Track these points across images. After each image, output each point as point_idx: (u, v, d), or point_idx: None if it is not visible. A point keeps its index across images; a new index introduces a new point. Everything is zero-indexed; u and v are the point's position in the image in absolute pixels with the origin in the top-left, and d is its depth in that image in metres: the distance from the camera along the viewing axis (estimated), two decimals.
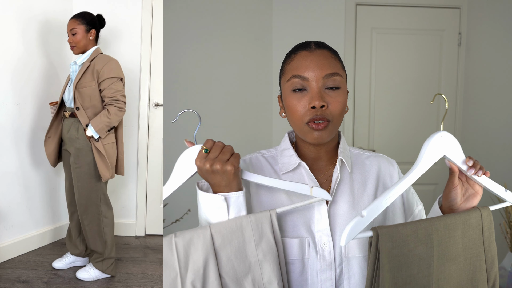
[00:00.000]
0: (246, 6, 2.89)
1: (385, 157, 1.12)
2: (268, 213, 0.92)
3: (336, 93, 0.98)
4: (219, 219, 0.92)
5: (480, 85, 2.96)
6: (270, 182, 0.94)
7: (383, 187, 1.07)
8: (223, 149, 0.91)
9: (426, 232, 0.89)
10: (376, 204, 0.88)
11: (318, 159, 1.07)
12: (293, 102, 0.99)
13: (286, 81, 1.01)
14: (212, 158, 0.90)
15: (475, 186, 0.99)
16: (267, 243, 0.91)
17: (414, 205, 1.10)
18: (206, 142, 0.93)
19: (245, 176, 0.95)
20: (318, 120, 0.97)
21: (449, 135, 0.96)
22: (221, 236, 0.89)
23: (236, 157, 0.91)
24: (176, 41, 2.71)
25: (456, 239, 0.93)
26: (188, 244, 0.88)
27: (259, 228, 0.91)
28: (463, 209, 0.99)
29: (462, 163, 0.96)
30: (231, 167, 0.90)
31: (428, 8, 3.00)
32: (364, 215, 0.86)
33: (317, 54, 0.99)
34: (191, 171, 0.94)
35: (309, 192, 0.94)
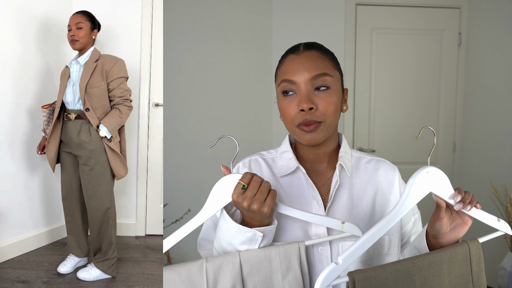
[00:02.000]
0: (246, 6, 2.89)
1: (387, 162, 1.11)
2: (297, 245, 0.93)
3: (326, 93, 0.97)
4: (247, 248, 0.92)
5: (480, 85, 2.96)
6: (304, 217, 0.92)
7: (381, 194, 1.06)
8: (260, 186, 0.88)
9: (407, 273, 0.85)
10: (353, 250, 0.85)
11: (317, 161, 1.07)
12: (284, 106, 0.99)
13: (277, 86, 1.02)
14: (250, 197, 0.87)
15: (464, 216, 0.95)
16: (294, 275, 0.91)
17: (410, 214, 1.09)
18: (244, 176, 0.89)
19: (279, 210, 0.93)
20: (308, 123, 0.96)
21: (435, 170, 0.92)
22: (249, 265, 0.91)
23: (273, 197, 0.89)
24: (176, 41, 2.71)
25: (442, 277, 0.89)
26: (218, 270, 0.90)
27: (287, 260, 0.92)
28: (448, 239, 0.95)
29: (450, 198, 0.92)
30: (268, 209, 0.88)
31: (428, 8, 3.00)
32: (340, 262, 0.83)
33: (304, 57, 0.99)
34: (225, 201, 0.92)
35: (340, 227, 0.92)
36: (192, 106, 2.81)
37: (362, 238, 0.86)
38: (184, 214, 2.55)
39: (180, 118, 2.77)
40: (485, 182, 2.67)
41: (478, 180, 2.88)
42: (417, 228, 1.12)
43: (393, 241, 1.04)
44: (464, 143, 3.09)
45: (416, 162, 2.83)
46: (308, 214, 0.93)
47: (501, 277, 2.41)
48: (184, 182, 2.76)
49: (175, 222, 2.57)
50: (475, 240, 0.95)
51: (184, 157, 2.80)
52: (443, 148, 3.11)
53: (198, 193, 2.78)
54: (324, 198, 1.03)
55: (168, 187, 2.71)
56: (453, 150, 3.13)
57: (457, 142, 3.12)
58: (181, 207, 2.57)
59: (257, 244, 0.92)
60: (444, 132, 3.11)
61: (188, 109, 2.79)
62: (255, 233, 0.90)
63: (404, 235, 1.10)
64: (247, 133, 2.88)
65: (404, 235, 1.10)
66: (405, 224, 1.08)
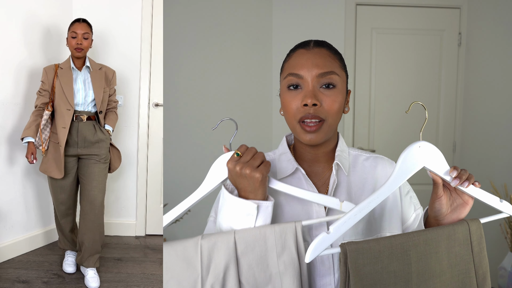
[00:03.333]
0: (246, 7, 2.89)
1: (384, 159, 1.10)
2: (294, 224, 0.91)
3: (331, 91, 0.97)
4: (244, 226, 0.92)
5: (480, 85, 2.96)
6: (300, 193, 0.93)
7: None
8: (254, 155, 0.92)
9: (402, 248, 0.85)
10: (344, 220, 0.85)
11: (315, 161, 1.06)
12: (287, 99, 0.99)
13: (283, 79, 1.01)
14: (243, 162, 0.91)
15: (464, 196, 0.94)
16: (289, 255, 0.90)
17: (411, 211, 1.08)
18: (240, 147, 0.94)
19: (271, 185, 0.95)
20: (311, 119, 0.96)
21: (428, 145, 0.91)
22: (244, 243, 0.90)
23: (266, 165, 0.92)
24: (176, 41, 2.71)
25: (440, 255, 0.88)
26: (212, 247, 0.90)
27: (282, 239, 0.90)
28: (449, 220, 0.94)
29: (446, 174, 0.91)
30: (259, 174, 0.90)
31: (428, 8, 3.00)
32: (331, 231, 0.84)
33: (314, 53, 0.99)
34: (223, 175, 0.95)
35: (339, 206, 0.93)
36: (192, 106, 2.81)
37: (354, 209, 0.86)
38: (184, 214, 2.54)
39: (180, 118, 2.77)
40: (485, 182, 2.66)
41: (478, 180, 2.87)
42: (420, 225, 1.11)
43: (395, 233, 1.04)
44: (464, 143, 3.09)
45: None
46: (303, 191, 0.93)
47: (501, 277, 2.41)
48: (184, 182, 2.76)
49: (175, 222, 2.56)
50: (476, 219, 0.93)
51: (184, 157, 2.80)
52: (443, 148, 3.11)
53: None
54: None
55: (168, 187, 2.71)
56: (453, 150, 3.13)
57: (457, 142, 3.12)
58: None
59: (253, 219, 0.91)
60: (444, 132, 3.11)
61: (188, 109, 2.79)
62: (250, 205, 0.91)
63: (405, 231, 1.09)
64: (247, 133, 2.88)
65: (406, 231, 1.09)
66: (406, 220, 1.07)
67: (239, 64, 2.89)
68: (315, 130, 0.96)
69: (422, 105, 0.93)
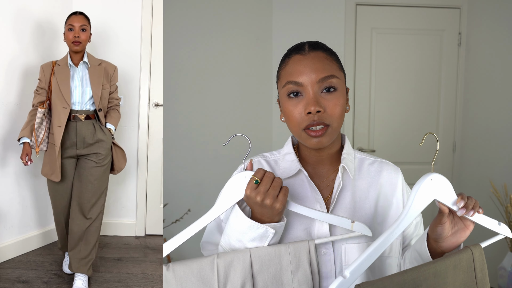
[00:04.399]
0: (246, 6, 2.89)
1: (390, 164, 1.10)
2: (307, 243, 0.93)
3: (332, 95, 0.96)
4: (257, 245, 0.93)
5: (480, 85, 2.96)
6: (313, 214, 0.93)
7: (384, 196, 1.05)
8: (273, 182, 0.90)
9: (414, 284, 0.84)
10: (360, 262, 0.84)
11: (320, 163, 1.06)
12: (289, 108, 0.98)
13: (282, 87, 1.00)
14: (263, 191, 0.89)
15: (466, 221, 0.94)
16: (304, 273, 0.92)
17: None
18: (257, 172, 0.91)
19: (290, 207, 0.94)
20: (316, 126, 0.95)
21: (439, 177, 0.92)
22: (260, 261, 0.91)
23: (285, 193, 0.90)
24: (176, 41, 2.71)
25: (447, 285, 0.88)
26: (229, 266, 0.91)
27: (297, 258, 0.92)
28: (449, 243, 0.94)
29: (453, 204, 0.92)
30: (280, 205, 0.89)
31: (428, 8, 3.00)
32: (347, 276, 0.82)
33: (311, 58, 0.97)
34: (238, 197, 0.93)
35: (350, 226, 0.92)
36: (192, 106, 2.81)
37: (369, 249, 0.86)
38: (184, 214, 2.55)
39: (180, 118, 2.77)
40: (485, 182, 2.66)
41: (478, 180, 2.88)
42: (419, 231, 1.11)
43: (394, 244, 1.03)
44: (464, 143, 3.09)
45: (416, 162, 2.83)
46: (319, 213, 0.93)
47: (501, 277, 2.41)
48: (184, 182, 2.76)
49: (175, 222, 2.57)
50: (478, 245, 0.94)
51: (184, 157, 2.80)
52: (443, 148, 3.11)
53: (198, 193, 2.78)
54: (326, 200, 1.03)
55: (168, 187, 2.71)
56: (453, 150, 3.13)
57: (457, 142, 3.12)
58: (181, 207, 2.57)
59: (267, 241, 0.92)
60: (444, 132, 3.11)
61: (188, 109, 2.79)
62: (267, 229, 0.91)
63: (406, 238, 1.09)
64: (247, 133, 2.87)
65: (406, 238, 1.09)
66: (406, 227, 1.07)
67: (239, 64, 2.89)
68: (321, 135, 0.95)
69: (435, 136, 0.94)
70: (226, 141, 0.97)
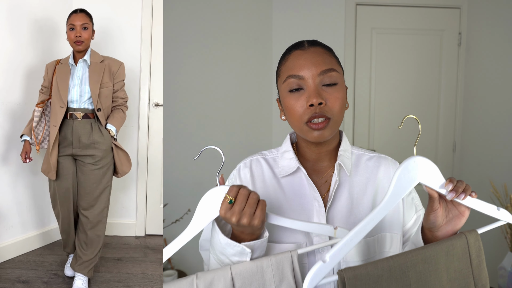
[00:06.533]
0: (246, 6, 2.89)
1: (388, 159, 1.09)
2: (289, 254, 0.90)
3: (333, 89, 0.97)
4: (239, 260, 0.90)
5: (480, 85, 2.96)
6: (295, 225, 0.91)
7: (382, 191, 1.04)
8: (248, 199, 0.86)
9: (401, 269, 0.82)
10: (340, 247, 0.82)
11: (319, 160, 1.06)
12: (291, 102, 0.98)
13: (283, 82, 1.00)
14: (238, 211, 0.85)
15: (460, 207, 0.90)
16: (288, 285, 0.89)
17: (412, 212, 1.07)
18: (230, 190, 0.87)
19: (270, 220, 0.91)
20: (318, 118, 0.95)
21: (423, 160, 0.88)
22: (241, 278, 0.88)
23: (263, 208, 0.86)
24: (176, 41, 2.71)
25: (439, 272, 0.85)
26: (209, 286, 0.87)
27: (280, 271, 0.89)
28: (444, 231, 0.91)
29: (441, 187, 0.88)
30: (258, 222, 0.85)
31: (428, 8, 3.00)
32: (327, 260, 0.80)
33: (310, 52, 0.99)
34: (213, 215, 0.90)
35: (333, 233, 0.91)
36: (192, 106, 2.81)
37: (349, 234, 0.83)
38: (184, 214, 2.55)
39: (180, 118, 2.77)
40: (485, 182, 2.66)
41: (478, 180, 2.88)
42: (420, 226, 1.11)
43: (394, 239, 1.03)
44: (464, 143, 3.09)
45: None
46: (299, 222, 0.91)
47: (501, 277, 2.41)
48: (184, 182, 2.76)
49: (175, 222, 2.57)
50: (474, 231, 0.90)
51: (184, 157, 2.80)
52: (443, 148, 3.11)
53: (198, 193, 2.76)
54: (324, 197, 1.03)
55: (168, 187, 2.71)
56: (453, 150, 3.13)
57: (457, 142, 3.12)
58: (181, 207, 2.57)
59: (248, 257, 0.90)
60: (444, 132, 3.11)
61: (188, 109, 2.79)
62: (243, 248, 0.89)
63: (406, 232, 1.08)
64: (247, 133, 2.88)
65: (406, 233, 1.09)
66: (406, 221, 1.06)
67: (239, 64, 2.89)
68: (323, 127, 0.96)
69: (416, 118, 0.90)
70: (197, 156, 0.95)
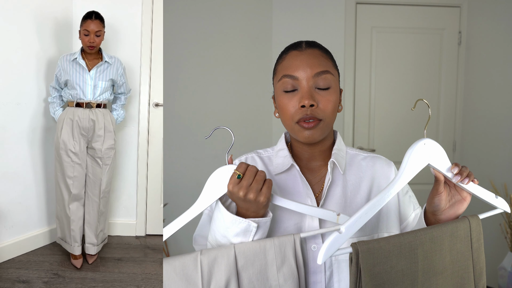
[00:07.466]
0: (246, 6, 2.89)
1: (382, 158, 1.11)
2: (292, 237, 0.92)
3: (326, 92, 0.98)
4: (242, 240, 0.92)
5: (480, 84, 2.96)
6: (299, 208, 0.93)
7: (377, 190, 1.05)
8: (256, 175, 0.89)
9: (410, 246, 0.85)
10: (355, 219, 0.85)
11: (312, 159, 1.07)
12: (284, 102, 0.99)
13: (278, 81, 1.02)
14: (245, 186, 0.87)
15: (462, 192, 0.96)
16: (289, 267, 0.91)
17: (411, 209, 1.09)
18: (239, 166, 0.89)
19: (275, 201, 0.93)
20: (308, 119, 0.97)
21: (432, 142, 0.93)
22: (244, 257, 0.90)
23: (269, 186, 0.89)
24: (176, 41, 2.71)
25: (443, 252, 0.89)
26: (212, 263, 0.89)
27: (282, 252, 0.91)
28: (447, 215, 0.96)
29: (448, 171, 0.93)
30: (264, 198, 0.88)
31: (428, 6, 3.00)
32: (343, 231, 0.83)
33: (307, 53, 1.00)
34: (221, 192, 0.92)
35: (336, 219, 0.92)
36: (192, 106, 2.81)
37: (365, 206, 0.86)
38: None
39: (180, 118, 2.77)
40: (485, 182, 2.67)
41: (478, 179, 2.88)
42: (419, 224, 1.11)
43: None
44: (464, 142, 3.09)
45: None
46: (303, 206, 0.93)
47: (501, 277, 2.41)
48: (184, 182, 2.76)
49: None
50: (476, 216, 0.95)
51: (184, 157, 2.81)
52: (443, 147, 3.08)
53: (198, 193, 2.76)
54: (318, 195, 1.04)
55: (168, 187, 2.71)
56: (453, 150, 3.13)
57: (457, 142, 3.12)
58: (181, 207, 2.56)
59: (251, 236, 0.91)
60: (444, 131, 3.11)
61: (188, 109, 2.79)
62: (249, 224, 0.90)
63: (405, 230, 1.09)
64: (247, 132, 2.88)
65: (405, 230, 1.09)
66: (404, 218, 1.08)
67: (239, 63, 2.89)
68: (313, 127, 0.97)
69: (426, 102, 0.95)
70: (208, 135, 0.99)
